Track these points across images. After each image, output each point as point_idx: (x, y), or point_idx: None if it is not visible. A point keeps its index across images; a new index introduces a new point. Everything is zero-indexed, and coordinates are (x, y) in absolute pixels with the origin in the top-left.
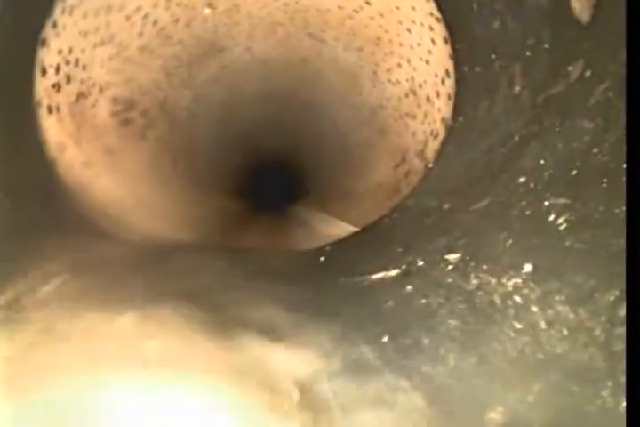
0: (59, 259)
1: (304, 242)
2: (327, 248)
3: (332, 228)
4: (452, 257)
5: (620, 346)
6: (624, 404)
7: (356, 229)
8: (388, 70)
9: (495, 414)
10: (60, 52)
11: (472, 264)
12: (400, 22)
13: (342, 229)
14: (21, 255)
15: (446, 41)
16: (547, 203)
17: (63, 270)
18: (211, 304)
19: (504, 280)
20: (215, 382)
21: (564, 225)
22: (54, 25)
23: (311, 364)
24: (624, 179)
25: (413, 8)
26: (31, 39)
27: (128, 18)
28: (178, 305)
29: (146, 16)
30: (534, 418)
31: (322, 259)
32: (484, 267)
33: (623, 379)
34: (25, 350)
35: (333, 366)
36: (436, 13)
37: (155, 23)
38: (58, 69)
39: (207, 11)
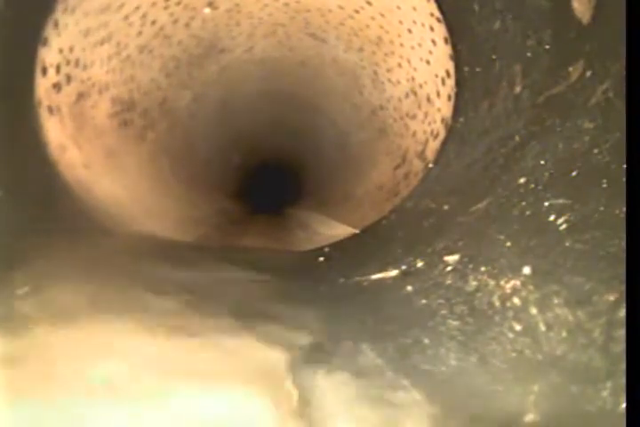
0: (58, 258)
1: (303, 243)
2: (326, 249)
3: (331, 229)
4: (451, 258)
5: (620, 347)
6: (624, 404)
7: (356, 231)
8: (389, 70)
9: (495, 414)
10: (60, 51)
11: (471, 266)
12: (401, 22)
13: (342, 230)
14: (21, 255)
15: (447, 41)
16: (546, 203)
17: (63, 270)
18: (207, 303)
19: (503, 282)
20: (215, 382)
21: (564, 226)
22: (55, 24)
23: (311, 364)
24: (624, 179)
25: (414, 8)
26: (32, 38)
27: (126, 17)
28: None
29: (144, 15)
30: (534, 418)
31: (321, 259)
32: (483, 269)
33: (623, 380)
34: (23, 351)
35: (333, 365)
36: (437, 14)
37: (153, 23)
38: (58, 69)
39: (207, 11)
